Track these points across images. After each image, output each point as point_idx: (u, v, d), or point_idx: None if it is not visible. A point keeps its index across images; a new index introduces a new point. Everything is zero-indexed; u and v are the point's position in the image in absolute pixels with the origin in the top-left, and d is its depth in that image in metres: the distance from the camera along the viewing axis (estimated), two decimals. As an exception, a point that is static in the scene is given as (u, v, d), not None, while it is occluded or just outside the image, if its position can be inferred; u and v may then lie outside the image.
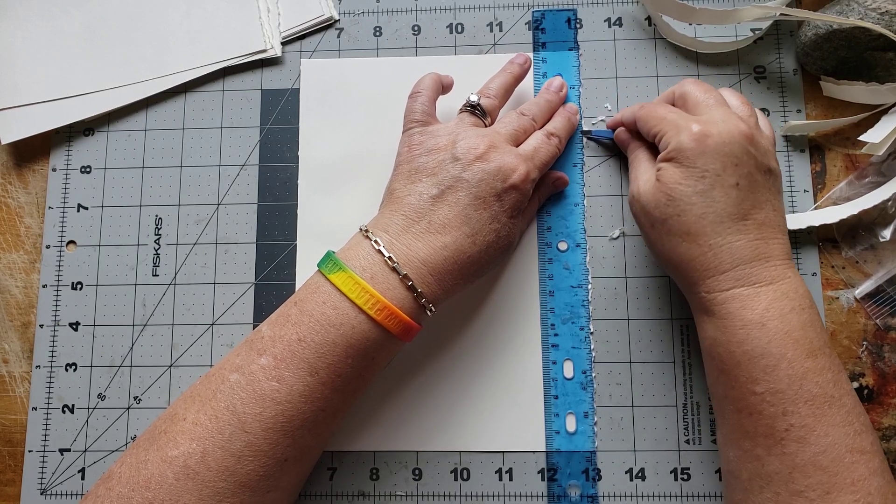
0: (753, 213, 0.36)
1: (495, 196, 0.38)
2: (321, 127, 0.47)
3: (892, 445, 0.42)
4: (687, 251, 0.37)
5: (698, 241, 0.36)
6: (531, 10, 0.48)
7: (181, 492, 0.34)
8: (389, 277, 0.36)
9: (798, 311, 0.35)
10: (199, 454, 0.34)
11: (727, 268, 0.36)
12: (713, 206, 0.36)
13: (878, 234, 0.44)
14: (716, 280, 0.36)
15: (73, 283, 0.46)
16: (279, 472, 0.36)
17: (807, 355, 0.34)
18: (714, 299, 0.36)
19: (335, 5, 0.49)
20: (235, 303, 0.46)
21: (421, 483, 0.43)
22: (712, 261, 0.36)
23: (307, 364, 0.35)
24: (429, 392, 0.44)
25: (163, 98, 0.48)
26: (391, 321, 0.36)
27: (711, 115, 0.37)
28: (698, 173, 0.36)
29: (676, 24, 0.47)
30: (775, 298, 0.35)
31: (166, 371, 0.45)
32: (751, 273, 0.36)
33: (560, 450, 0.43)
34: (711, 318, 0.37)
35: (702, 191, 0.36)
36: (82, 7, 0.49)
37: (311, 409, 0.35)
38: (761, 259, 0.36)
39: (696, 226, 0.36)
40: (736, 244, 0.36)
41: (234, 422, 0.35)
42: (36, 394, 0.45)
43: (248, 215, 0.47)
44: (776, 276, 0.36)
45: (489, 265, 0.39)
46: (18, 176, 0.48)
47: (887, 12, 0.41)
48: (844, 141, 0.45)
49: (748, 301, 0.35)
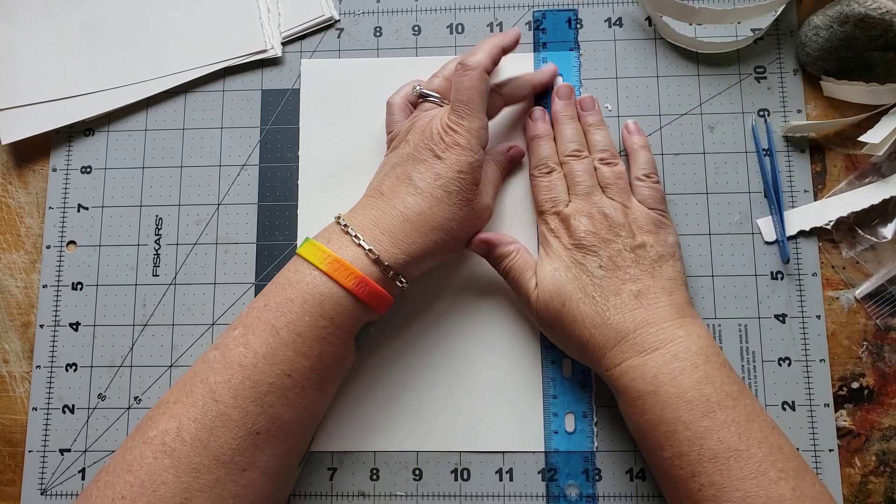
0: (625, 287, 0.38)
1: (434, 156, 0.39)
2: (321, 127, 0.47)
3: (892, 445, 0.42)
4: (580, 337, 0.39)
5: (584, 323, 0.39)
6: (531, 10, 0.48)
7: (159, 470, 0.34)
8: (343, 239, 0.38)
9: (690, 371, 0.36)
10: (175, 430, 0.35)
11: (613, 343, 0.38)
12: (586, 290, 0.39)
13: (878, 234, 0.44)
14: (608, 357, 0.38)
15: (74, 284, 0.46)
16: (253, 447, 0.36)
17: (703, 414, 0.35)
18: (611, 375, 0.38)
19: (335, 5, 0.49)
20: (236, 303, 0.46)
21: (421, 483, 0.43)
22: (600, 339, 0.38)
23: (269, 325, 0.37)
24: (429, 392, 0.44)
25: (163, 98, 0.48)
26: (341, 273, 0.37)
27: (573, 205, 0.41)
28: (565, 264, 0.40)
29: (676, 24, 0.47)
30: (664, 363, 0.36)
31: (166, 371, 0.45)
32: (636, 343, 0.37)
33: (560, 450, 0.43)
34: (617, 395, 0.39)
35: (572, 277, 0.39)
36: (82, 7, 0.49)
37: (276, 373, 0.36)
38: (644, 326, 0.37)
39: (577, 311, 0.39)
40: (615, 318, 0.38)
41: (206, 393, 0.36)
42: (36, 394, 0.45)
43: (248, 215, 0.47)
44: (664, 339, 0.37)
45: (447, 223, 0.39)
46: (19, 176, 0.48)
47: (887, 12, 0.41)
48: (845, 141, 0.45)
49: (638, 372, 0.37)
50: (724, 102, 0.46)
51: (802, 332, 0.43)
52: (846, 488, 0.42)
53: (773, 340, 0.44)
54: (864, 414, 0.43)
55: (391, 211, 0.38)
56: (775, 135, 0.46)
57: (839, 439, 0.42)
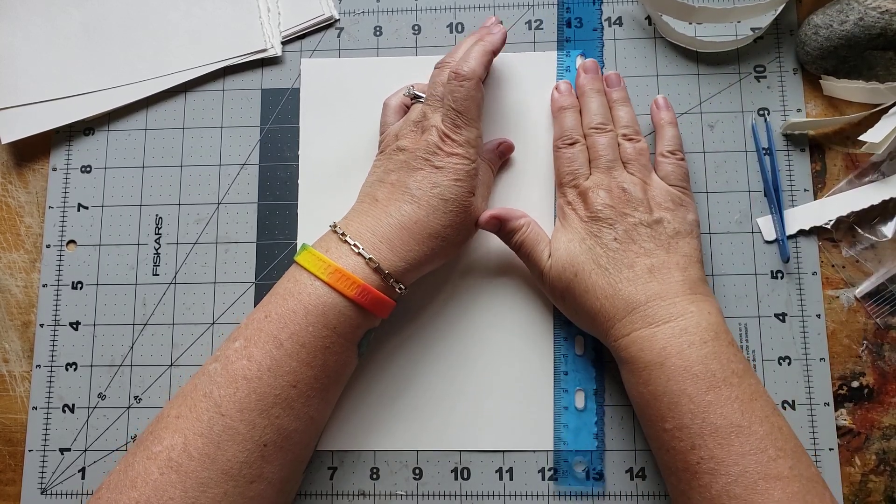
0: (639, 261, 0.39)
1: (431, 166, 0.39)
2: (321, 126, 0.48)
3: (893, 445, 0.42)
4: (591, 307, 0.39)
5: (596, 294, 0.39)
6: (531, 8, 0.48)
7: (166, 486, 0.34)
8: (342, 248, 0.38)
9: (698, 346, 0.36)
10: (181, 445, 0.35)
11: (623, 314, 0.38)
12: (599, 261, 0.39)
13: (878, 232, 0.44)
14: (617, 327, 0.38)
15: (74, 283, 0.46)
16: (261, 460, 0.36)
17: (707, 389, 0.35)
18: (619, 345, 0.38)
19: (335, 5, 0.49)
20: (236, 302, 0.46)
21: (421, 482, 0.43)
22: (610, 310, 0.38)
23: (272, 337, 0.36)
24: (429, 391, 0.44)
25: (163, 97, 0.48)
26: (343, 283, 0.37)
27: (593, 178, 0.41)
28: (579, 236, 0.40)
29: (676, 24, 0.47)
30: (673, 335, 0.36)
31: (166, 370, 0.45)
32: (646, 314, 0.37)
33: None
34: (622, 364, 0.39)
35: (586, 249, 0.39)
36: (82, 7, 0.49)
37: (281, 385, 0.36)
38: (656, 299, 0.37)
39: (589, 281, 0.39)
40: (627, 290, 0.38)
41: (210, 407, 0.36)
42: (36, 393, 0.45)
43: (248, 215, 0.47)
44: (675, 313, 0.37)
45: (444, 230, 0.39)
46: (19, 175, 0.48)
47: (887, 11, 0.41)
48: (844, 140, 0.45)
49: (647, 343, 0.37)
50: (724, 101, 0.46)
51: (802, 331, 0.44)
52: (846, 487, 0.42)
53: (774, 339, 0.44)
54: (864, 413, 0.43)
55: (388, 219, 0.38)
56: (775, 134, 0.46)
57: (839, 438, 0.42)
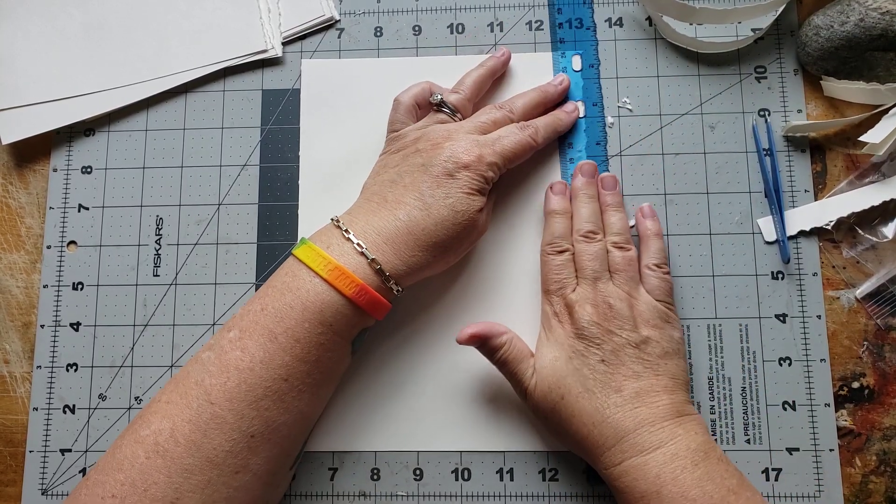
0: (627, 384, 0.38)
1: (447, 174, 0.39)
2: (322, 127, 0.47)
3: (893, 445, 0.43)
4: (577, 432, 0.38)
5: (583, 420, 0.38)
6: (531, 8, 0.48)
7: (151, 470, 0.34)
8: (344, 246, 0.38)
9: (691, 469, 0.36)
10: (169, 430, 0.35)
11: (612, 442, 0.37)
12: (586, 384, 0.38)
13: (878, 233, 0.44)
14: (607, 456, 0.38)
15: (74, 284, 0.46)
16: (247, 450, 0.36)
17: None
18: (611, 474, 0.38)
19: (336, 5, 0.49)
20: (236, 303, 0.46)
21: (422, 483, 0.43)
22: (598, 438, 0.38)
23: (267, 331, 0.36)
24: (430, 392, 0.44)
25: (163, 98, 0.48)
26: (343, 282, 0.37)
27: (579, 291, 0.40)
28: (566, 354, 0.39)
29: (676, 24, 0.47)
30: (665, 462, 0.36)
31: (167, 371, 0.45)
32: (636, 442, 0.37)
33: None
34: (617, 494, 0.38)
35: (573, 370, 0.39)
36: (82, 7, 0.49)
37: (273, 377, 0.36)
38: (645, 425, 0.37)
39: (577, 406, 0.38)
40: (615, 417, 0.37)
41: (200, 394, 0.36)
42: (37, 394, 0.45)
43: (248, 215, 0.47)
44: (664, 438, 0.37)
45: (449, 240, 0.39)
46: (19, 176, 0.48)
47: (888, 12, 0.41)
48: (845, 141, 0.45)
49: (640, 472, 0.36)
50: (725, 102, 0.46)
51: (803, 331, 0.44)
52: (847, 488, 0.42)
53: (774, 340, 0.44)
54: (865, 414, 0.43)
55: (395, 222, 0.38)
56: (776, 134, 0.46)
57: (840, 439, 0.42)
